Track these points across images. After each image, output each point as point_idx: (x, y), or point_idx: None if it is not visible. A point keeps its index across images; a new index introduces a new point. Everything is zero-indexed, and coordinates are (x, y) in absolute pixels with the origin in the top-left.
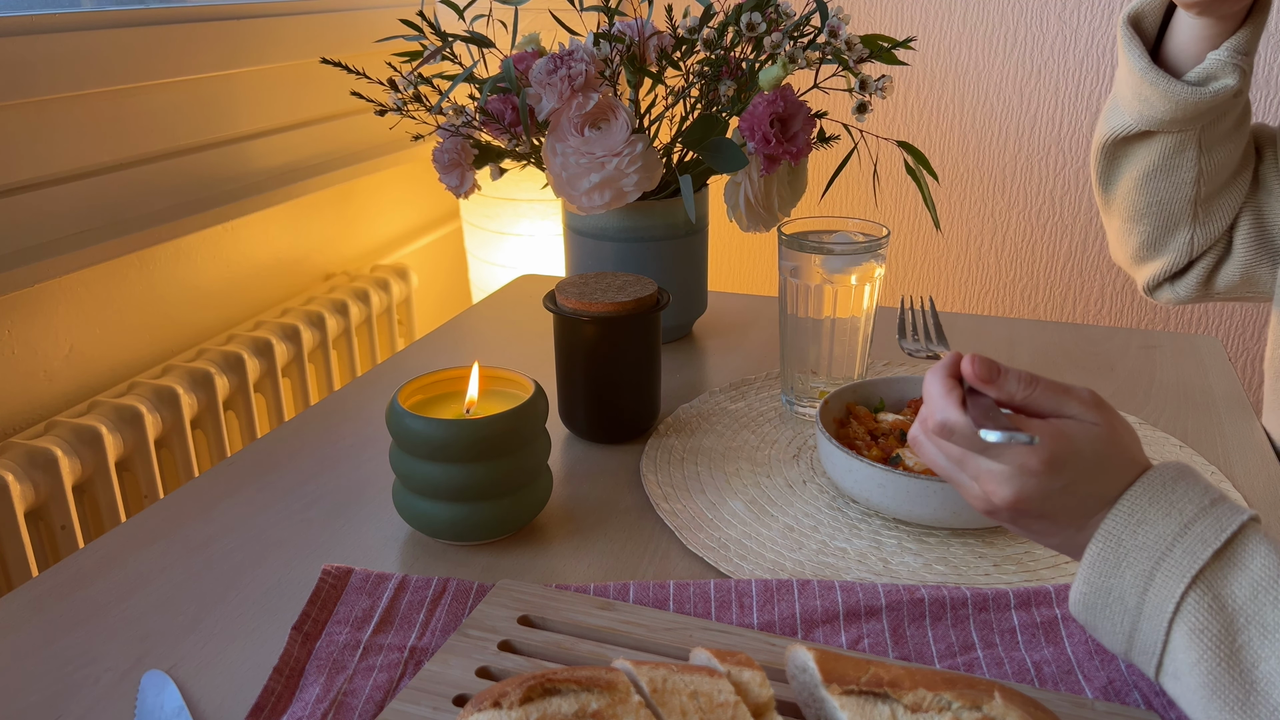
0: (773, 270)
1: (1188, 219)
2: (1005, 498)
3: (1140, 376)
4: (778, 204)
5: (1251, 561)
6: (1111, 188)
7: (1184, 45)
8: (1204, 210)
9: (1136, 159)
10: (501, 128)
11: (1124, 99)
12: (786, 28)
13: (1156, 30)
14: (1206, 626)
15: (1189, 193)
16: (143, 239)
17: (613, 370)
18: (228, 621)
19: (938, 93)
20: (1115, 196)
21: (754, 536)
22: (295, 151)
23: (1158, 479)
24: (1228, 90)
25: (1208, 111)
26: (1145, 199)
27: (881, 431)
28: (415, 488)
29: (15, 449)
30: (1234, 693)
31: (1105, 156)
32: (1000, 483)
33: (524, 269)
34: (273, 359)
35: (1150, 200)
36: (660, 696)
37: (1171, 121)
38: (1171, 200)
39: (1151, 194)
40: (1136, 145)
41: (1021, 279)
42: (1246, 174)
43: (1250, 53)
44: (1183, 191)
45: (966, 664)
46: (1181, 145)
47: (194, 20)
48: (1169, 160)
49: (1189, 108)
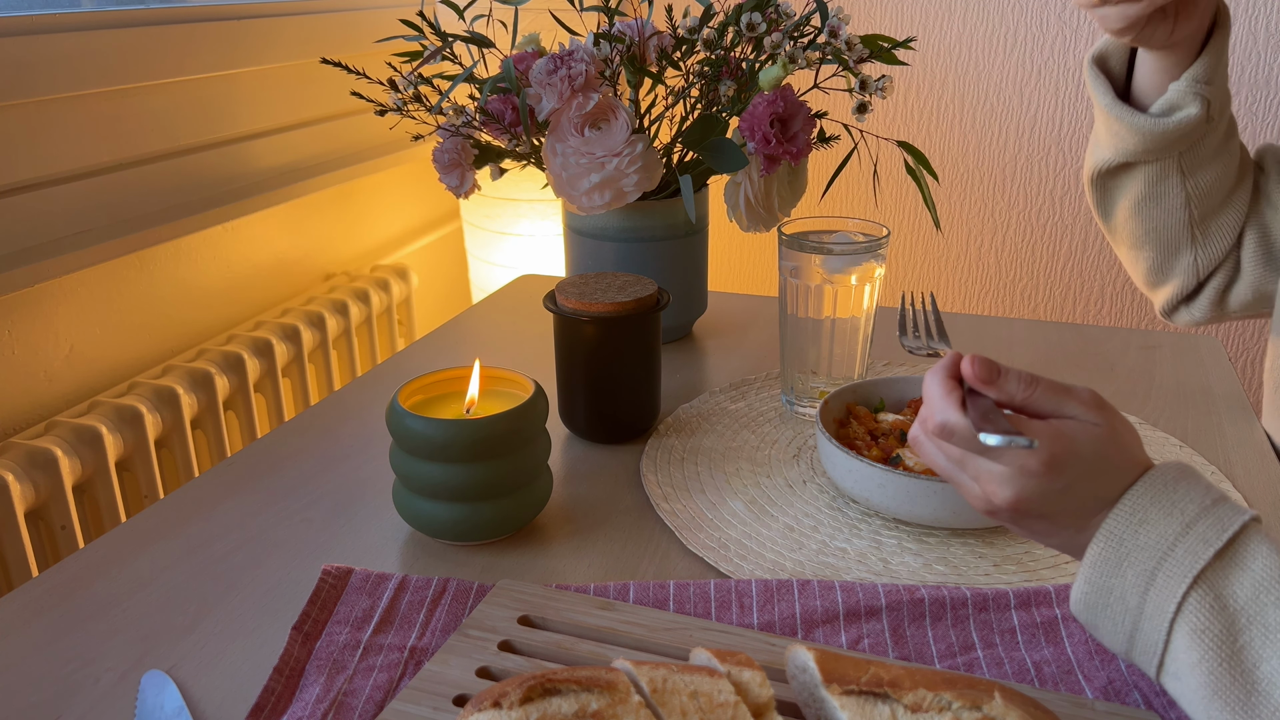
0: (773, 270)
1: (1187, 241)
2: (1006, 499)
3: (1140, 377)
4: (778, 204)
5: (1253, 561)
6: (1110, 217)
7: (1146, 79)
8: (1202, 232)
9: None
10: (502, 128)
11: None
12: (786, 28)
13: (1125, 68)
14: (1208, 627)
15: (1182, 216)
16: (143, 239)
17: (613, 370)
18: (228, 621)
19: (938, 93)
20: (1116, 226)
21: (754, 536)
22: (295, 152)
23: (1159, 479)
24: (1190, 119)
25: (1178, 140)
26: (1142, 227)
27: (881, 431)
28: (415, 488)
29: (15, 449)
30: (1235, 693)
31: (1096, 190)
32: (1001, 484)
33: (524, 269)
34: (273, 359)
35: (1147, 228)
36: (660, 696)
37: (1145, 152)
38: (1167, 226)
39: (1147, 221)
40: (1122, 176)
41: (1021, 279)
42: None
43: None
44: (1175, 216)
45: (966, 664)
46: (1164, 173)
47: (194, 20)
48: (1155, 188)
49: (1157, 138)
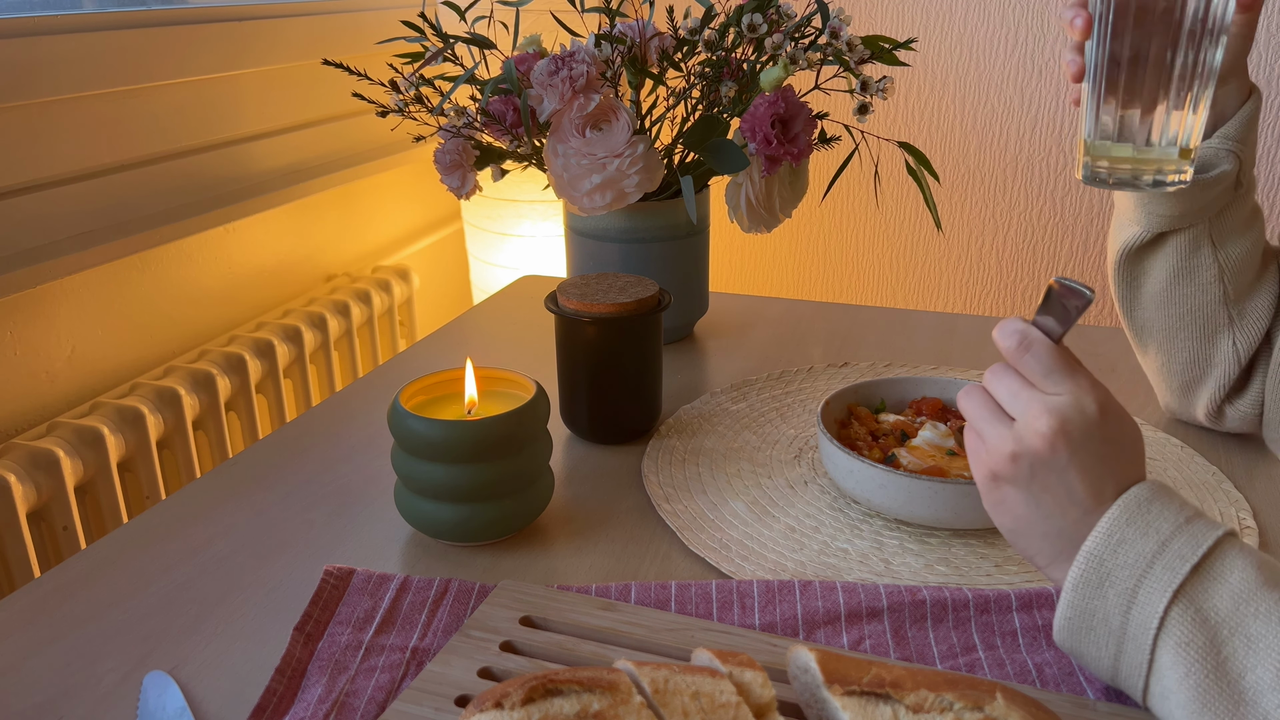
0: (773, 271)
1: (1225, 322)
2: (1048, 425)
3: (1141, 378)
4: (779, 205)
5: (1231, 575)
6: (1138, 308)
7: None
8: (1238, 312)
9: (1156, 270)
10: (503, 129)
11: (1127, 213)
12: (788, 29)
13: None
14: (1191, 640)
15: (1217, 292)
16: (144, 240)
17: (614, 371)
18: (230, 622)
19: (939, 94)
20: (1145, 321)
21: (755, 537)
22: (296, 153)
23: (1134, 500)
24: (1227, 175)
25: (1213, 201)
26: (1176, 311)
27: (883, 432)
28: (417, 488)
29: (17, 450)
30: (1223, 704)
31: (1124, 277)
32: (1050, 410)
33: (525, 270)
34: (274, 360)
35: (1181, 310)
36: (662, 697)
37: (1180, 216)
38: (1203, 305)
39: (1181, 302)
40: (1152, 256)
41: (1023, 279)
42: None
43: (1243, 139)
44: (1210, 293)
45: (968, 665)
46: (1196, 243)
47: (195, 22)
48: (1187, 261)
49: (1195, 197)
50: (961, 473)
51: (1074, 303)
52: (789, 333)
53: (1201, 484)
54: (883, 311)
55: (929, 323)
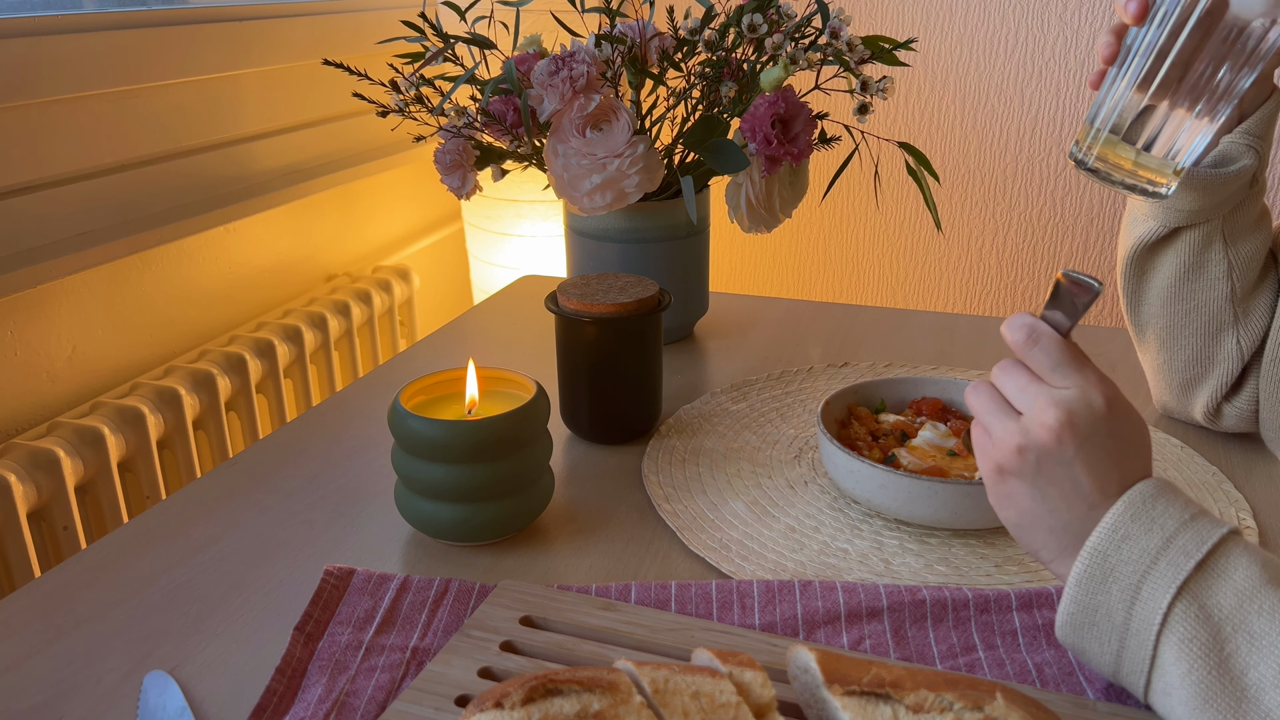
0: (773, 271)
1: (1230, 320)
2: (1055, 419)
3: (1141, 378)
4: (779, 205)
5: (1234, 572)
6: (1144, 305)
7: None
8: (1243, 310)
9: (1165, 265)
10: (503, 129)
11: (1142, 208)
12: (788, 29)
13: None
14: (1194, 636)
15: (1224, 289)
16: (145, 240)
17: (614, 371)
18: (230, 622)
19: (939, 94)
20: (1149, 318)
21: (755, 537)
22: (297, 153)
23: (1139, 496)
24: (1247, 170)
25: (1230, 196)
26: (1183, 307)
27: (883, 432)
28: (417, 488)
29: (18, 450)
30: (1225, 700)
31: (1133, 272)
32: (1057, 404)
33: (525, 270)
34: (275, 360)
35: (1188, 306)
36: (662, 697)
37: (1199, 211)
38: (1209, 301)
39: (1188, 299)
40: (1163, 251)
41: (1023, 280)
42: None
43: (1264, 135)
44: (1218, 289)
45: (968, 665)
46: (1208, 239)
47: (196, 22)
48: (1198, 256)
49: (1216, 190)
50: (962, 473)
51: (1082, 297)
52: (789, 333)
53: (1201, 484)
54: (883, 311)
55: (929, 323)
